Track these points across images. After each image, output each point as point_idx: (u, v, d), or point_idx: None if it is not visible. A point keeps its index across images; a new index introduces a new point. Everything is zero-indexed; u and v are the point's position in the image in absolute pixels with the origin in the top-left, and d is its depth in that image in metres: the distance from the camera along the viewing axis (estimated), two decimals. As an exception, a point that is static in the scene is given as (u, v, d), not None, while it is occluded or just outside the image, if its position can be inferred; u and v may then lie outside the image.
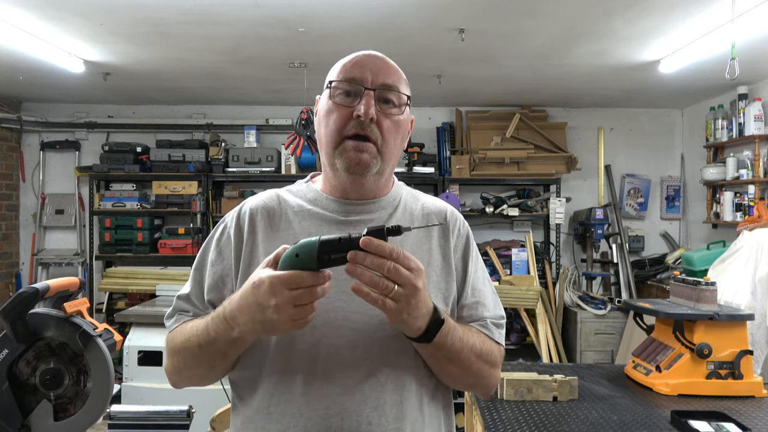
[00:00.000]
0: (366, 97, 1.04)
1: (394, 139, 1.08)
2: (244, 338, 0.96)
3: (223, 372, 1.08)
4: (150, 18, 3.11)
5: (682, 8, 2.92)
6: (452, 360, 1.02)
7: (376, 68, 1.07)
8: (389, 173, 1.14)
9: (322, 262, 0.87)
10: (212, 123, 5.39)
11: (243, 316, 0.92)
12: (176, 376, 1.10)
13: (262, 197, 1.16)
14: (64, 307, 1.25)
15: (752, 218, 3.90)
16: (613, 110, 5.50)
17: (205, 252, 1.14)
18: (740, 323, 2.00)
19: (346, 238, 0.87)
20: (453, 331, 0.99)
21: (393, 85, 1.07)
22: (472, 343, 1.04)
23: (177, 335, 1.07)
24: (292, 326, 0.89)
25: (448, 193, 4.95)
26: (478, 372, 1.07)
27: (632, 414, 1.76)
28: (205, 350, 1.01)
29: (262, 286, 0.88)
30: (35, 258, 5.39)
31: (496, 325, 1.12)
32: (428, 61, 3.94)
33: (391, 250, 0.86)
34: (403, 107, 1.09)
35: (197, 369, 1.06)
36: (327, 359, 1.00)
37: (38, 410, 1.22)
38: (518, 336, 4.89)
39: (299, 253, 0.88)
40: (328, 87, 1.09)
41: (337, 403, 0.99)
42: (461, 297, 1.12)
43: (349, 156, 1.04)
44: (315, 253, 0.87)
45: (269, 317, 0.88)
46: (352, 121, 1.04)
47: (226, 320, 0.96)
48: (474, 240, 1.19)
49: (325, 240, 0.87)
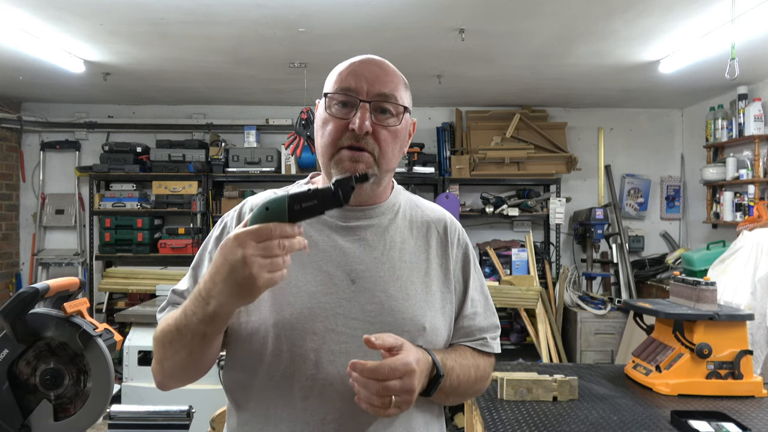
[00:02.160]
0: (361, 110, 1.02)
1: (392, 149, 1.06)
2: (220, 313, 0.89)
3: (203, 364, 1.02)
4: (150, 18, 3.11)
5: (682, 8, 2.92)
6: (450, 394, 1.08)
7: (372, 77, 1.04)
8: (388, 180, 1.13)
9: (293, 213, 0.86)
10: (212, 123, 5.39)
11: (215, 284, 0.86)
12: (159, 371, 1.04)
13: (263, 196, 1.15)
14: (64, 307, 1.25)
15: (752, 218, 3.90)
16: (613, 110, 5.50)
17: (204, 250, 1.13)
18: (740, 323, 2.00)
19: (316, 190, 0.86)
20: (450, 375, 1.03)
21: (390, 95, 1.05)
22: (467, 376, 1.08)
23: (161, 324, 1.03)
24: (266, 280, 0.83)
25: (448, 193, 4.95)
26: (473, 392, 1.16)
27: (632, 414, 1.76)
28: (182, 332, 0.94)
29: (228, 242, 0.84)
30: (35, 258, 5.39)
31: (494, 338, 1.16)
32: (428, 61, 3.94)
33: (380, 370, 0.89)
34: (400, 116, 1.07)
35: (176, 356, 0.98)
36: (326, 365, 0.99)
37: (38, 410, 1.22)
38: (518, 336, 4.88)
39: (269, 206, 0.86)
40: (324, 97, 1.07)
41: (335, 410, 0.99)
42: (462, 308, 1.13)
43: (345, 166, 1.03)
44: (285, 204, 0.85)
45: (239, 274, 0.83)
46: (347, 132, 1.02)
47: (200, 295, 0.90)
48: (472, 249, 1.20)
49: (294, 193, 0.87)
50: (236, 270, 0.83)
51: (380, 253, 1.07)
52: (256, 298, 0.87)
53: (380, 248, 1.07)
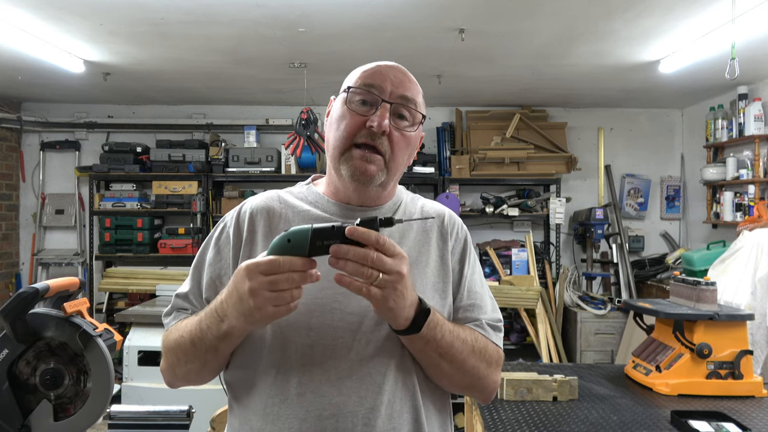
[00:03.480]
0: (382, 109, 1.04)
1: (403, 155, 1.08)
2: (233, 333, 0.95)
3: (216, 370, 1.07)
4: (150, 18, 3.11)
5: (682, 8, 2.92)
6: (443, 355, 1.00)
7: (396, 80, 1.07)
8: (393, 185, 1.14)
9: (314, 248, 0.86)
10: (212, 123, 5.39)
11: (228, 306, 0.91)
12: (170, 374, 1.10)
13: (263, 197, 1.16)
14: (64, 307, 1.25)
15: (752, 218, 3.90)
16: (613, 110, 5.50)
17: (204, 251, 1.14)
18: (740, 323, 2.00)
19: (339, 226, 0.87)
20: (442, 324, 1.00)
21: (411, 99, 1.07)
22: (463, 337, 1.03)
23: (172, 332, 1.07)
24: (272, 313, 0.87)
25: (448, 193, 4.95)
26: (473, 370, 1.05)
27: (632, 414, 1.76)
28: (197, 345, 1.00)
29: (239, 271, 0.88)
30: (35, 258, 5.39)
31: (492, 327, 1.12)
32: (428, 61, 3.94)
33: (377, 237, 0.86)
34: (416, 126, 1.09)
35: (189, 365, 1.04)
36: (322, 360, 0.99)
37: (38, 410, 1.22)
38: (518, 336, 4.89)
39: (291, 238, 0.87)
40: (345, 91, 1.08)
41: (332, 405, 0.98)
42: (456, 299, 1.12)
43: (355, 164, 1.04)
44: (308, 239, 0.86)
45: (245, 305, 0.87)
46: (363, 130, 1.04)
47: (216, 312, 0.95)
48: (472, 244, 1.19)
49: (318, 228, 0.87)
50: (243, 300, 0.87)
51: None
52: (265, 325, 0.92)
53: None
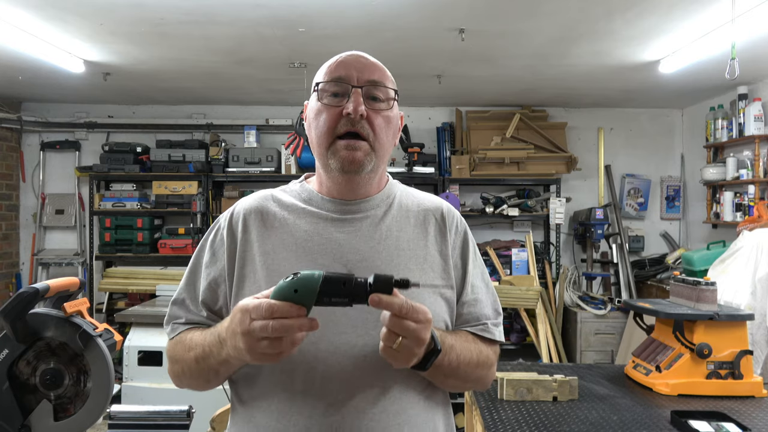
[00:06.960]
0: (354, 94, 1.05)
1: (386, 135, 1.09)
2: (231, 362, 0.97)
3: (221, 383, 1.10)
4: (150, 18, 3.11)
5: (682, 8, 2.92)
6: (449, 376, 1.04)
7: (360, 66, 1.08)
8: (383, 170, 1.15)
9: (320, 302, 0.83)
10: (212, 123, 5.39)
11: (228, 337, 0.93)
12: (177, 381, 1.13)
13: (255, 197, 1.16)
14: (64, 307, 1.25)
15: (752, 218, 3.90)
16: (613, 110, 5.50)
17: (199, 254, 1.14)
18: (740, 323, 2.00)
19: (350, 281, 0.83)
20: (449, 353, 1.01)
21: (379, 81, 1.08)
22: (469, 358, 1.05)
23: (177, 346, 1.09)
24: (264, 357, 0.87)
25: (448, 193, 4.96)
26: (476, 379, 1.11)
27: (632, 414, 1.76)
28: (200, 365, 1.03)
29: (237, 309, 0.89)
30: (35, 258, 5.39)
31: (495, 324, 1.14)
32: (428, 61, 3.94)
33: (401, 306, 0.86)
34: (391, 102, 1.10)
35: (193, 381, 1.09)
36: (327, 357, 0.99)
37: (38, 410, 1.22)
38: (518, 336, 4.89)
39: (298, 288, 0.83)
40: (315, 90, 1.10)
41: (338, 401, 0.99)
42: (461, 295, 1.12)
43: (342, 155, 1.05)
44: (315, 293, 0.83)
45: (240, 344, 0.88)
46: (342, 119, 1.05)
47: (219, 339, 0.97)
48: (472, 236, 1.19)
49: (329, 278, 0.83)
50: (238, 339, 0.88)
51: (376, 243, 1.07)
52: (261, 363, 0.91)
53: (376, 238, 1.08)
